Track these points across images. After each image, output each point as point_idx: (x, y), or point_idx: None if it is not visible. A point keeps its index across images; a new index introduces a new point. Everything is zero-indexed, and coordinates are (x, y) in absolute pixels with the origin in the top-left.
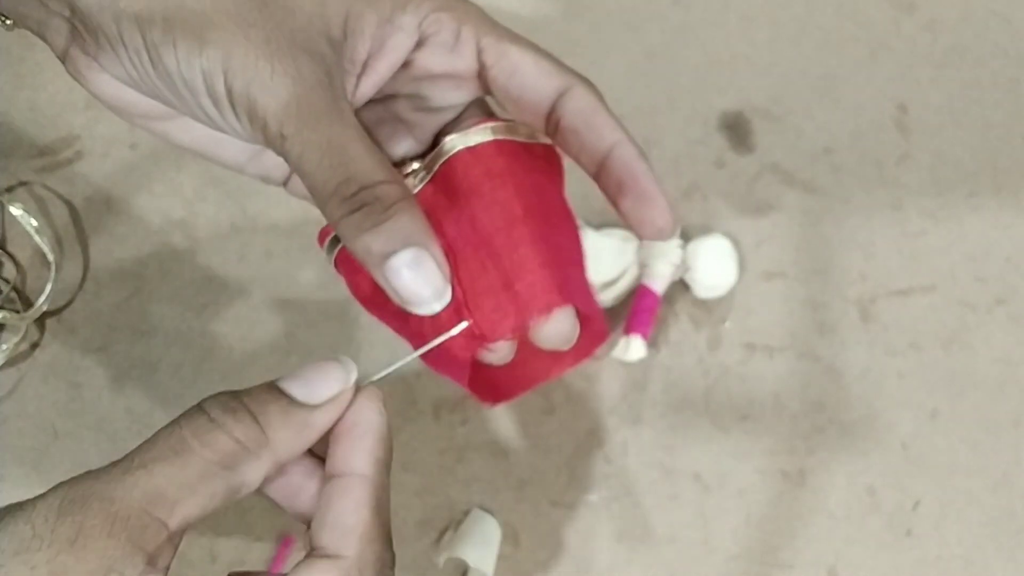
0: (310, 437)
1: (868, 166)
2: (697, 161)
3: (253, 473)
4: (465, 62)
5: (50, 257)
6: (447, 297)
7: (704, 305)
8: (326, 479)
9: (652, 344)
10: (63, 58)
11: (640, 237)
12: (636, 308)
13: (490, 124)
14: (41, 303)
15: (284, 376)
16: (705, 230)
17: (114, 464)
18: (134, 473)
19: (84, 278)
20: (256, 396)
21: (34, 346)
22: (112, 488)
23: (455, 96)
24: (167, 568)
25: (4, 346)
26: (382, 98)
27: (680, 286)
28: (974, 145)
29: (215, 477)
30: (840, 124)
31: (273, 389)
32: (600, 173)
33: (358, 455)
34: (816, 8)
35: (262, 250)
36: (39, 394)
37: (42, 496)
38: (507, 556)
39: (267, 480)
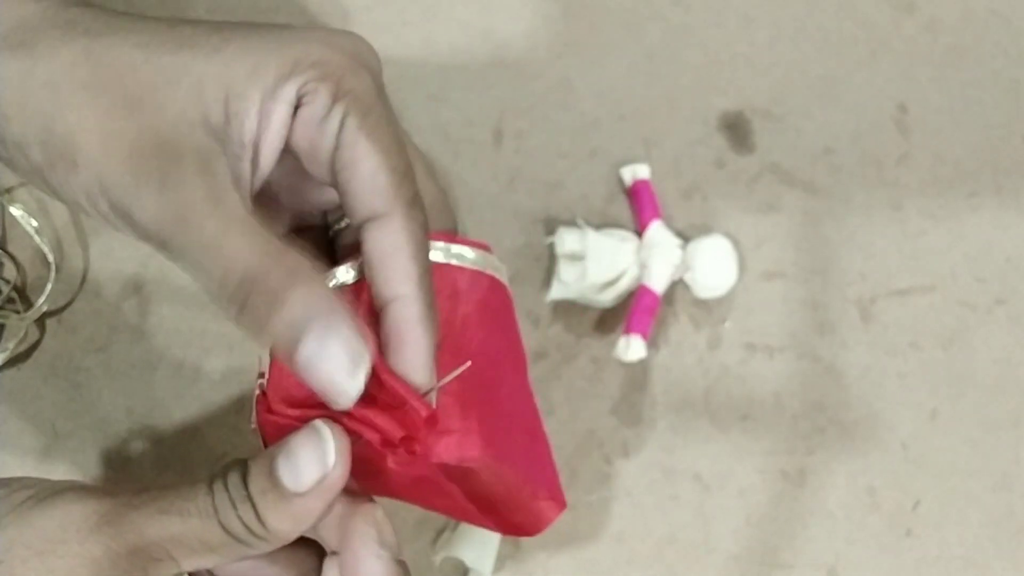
0: (307, 522)
1: (868, 166)
2: (697, 161)
3: (262, 549)
4: (327, 140)
5: (50, 257)
6: (363, 372)
7: (704, 305)
8: None
9: (652, 344)
10: None
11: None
12: (636, 308)
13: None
14: (41, 303)
15: (281, 450)
16: (705, 230)
17: (154, 497)
18: (170, 517)
19: (84, 278)
20: (258, 483)
21: (34, 346)
22: (147, 525)
23: (327, 179)
24: None
25: (5, 346)
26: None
27: (680, 286)
28: (974, 145)
29: (230, 545)
30: (840, 124)
31: (271, 474)
32: (381, 318)
33: None
34: (816, 8)
35: None
36: (39, 394)
37: (83, 495)
38: (507, 556)
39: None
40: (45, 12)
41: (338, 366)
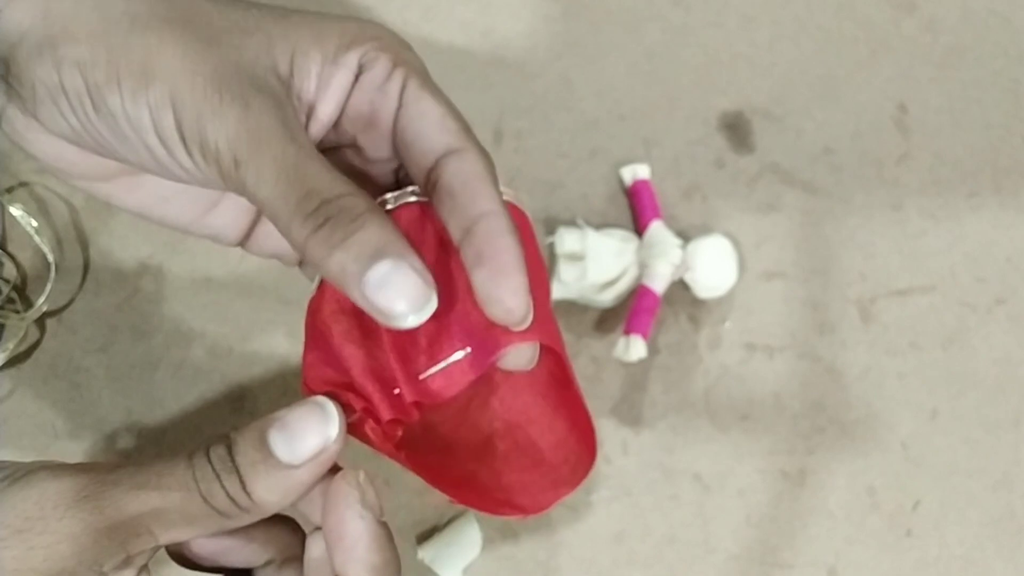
0: (295, 494)
1: (868, 166)
2: (697, 161)
3: (243, 521)
4: (389, 101)
5: (50, 257)
6: (433, 305)
7: (704, 305)
8: None
9: (652, 344)
10: None
11: (488, 315)
12: (636, 308)
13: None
14: (41, 303)
15: (273, 422)
16: (705, 230)
17: (132, 472)
18: (148, 492)
19: (84, 278)
20: (246, 454)
21: (34, 346)
22: (126, 500)
23: (380, 149)
24: (143, 567)
25: (5, 346)
26: (337, 147)
27: (680, 286)
28: (974, 145)
29: (211, 518)
30: (840, 124)
31: (262, 446)
32: (464, 240)
33: (351, 568)
34: (816, 8)
35: None
36: (39, 394)
37: (58, 472)
38: (507, 556)
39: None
40: None
41: (409, 291)
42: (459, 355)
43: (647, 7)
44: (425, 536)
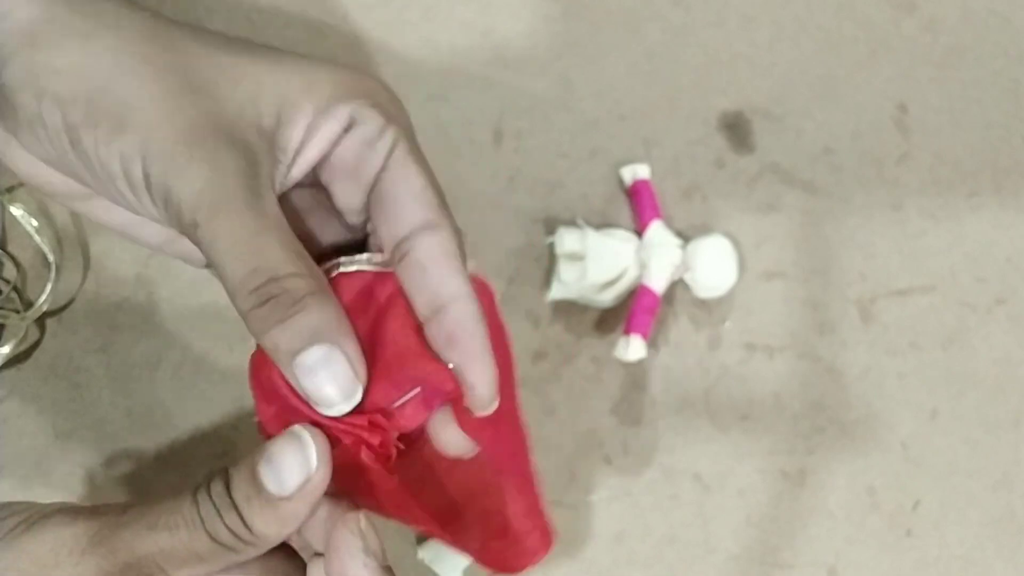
0: (293, 525)
1: (868, 166)
2: (697, 161)
3: (251, 555)
4: (376, 158)
5: (50, 257)
6: (357, 398)
7: (704, 305)
8: None
9: (652, 344)
10: None
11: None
12: (636, 308)
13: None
14: (41, 303)
15: (262, 454)
16: (705, 230)
17: (140, 513)
18: (158, 532)
19: (84, 278)
20: (241, 489)
21: (34, 346)
22: (137, 542)
23: (354, 200)
24: None
25: (4, 346)
26: (311, 184)
27: (680, 286)
28: (974, 145)
29: (218, 553)
30: (840, 124)
31: (255, 480)
32: (433, 320)
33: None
34: (816, 8)
35: None
36: (39, 394)
37: (72, 517)
38: None
39: None
40: None
41: (339, 378)
42: (414, 392)
43: (647, 7)
44: (425, 536)
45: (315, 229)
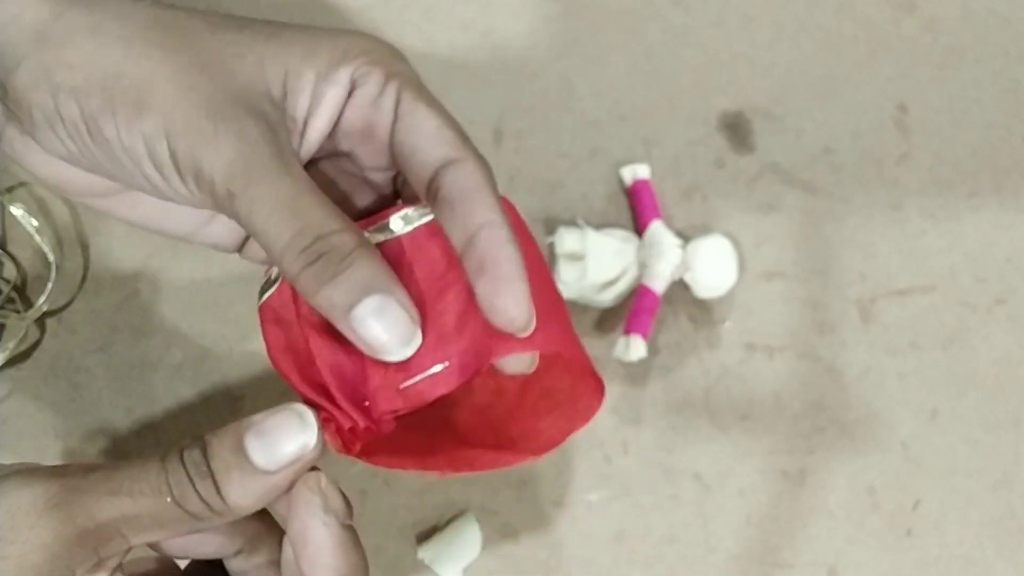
0: (270, 498)
1: (868, 166)
2: (697, 161)
3: (216, 523)
4: (384, 115)
5: (50, 257)
6: (417, 341)
7: (704, 305)
8: None
9: (652, 344)
10: None
11: (492, 323)
12: (636, 308)
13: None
14: (41, 303)
15: (251, 426)
16: (705, 230)
17: (103, 477)
18: (120, 498)
19: (84, 278)
20: (221, 458)
21: (34, 346)
22: (98, 507)
23: (377, 159)
24: (116, 567)
25: (5, 346)
26: (332, 155)
27: (680, 286)
28: (974, 145)
29: (183, 520)
30: (840, 124)
31: (238, 450)
32: (466, 250)
33: (317, 574)
34: (816, 8)
35: None
36: (39, 394)
37: (29, 479)
38: (507, 556)
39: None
40: None
41: (396, 326)
42: (437, 368)
43: (647, 7)
44: (425, 536)
45: (342, 197)
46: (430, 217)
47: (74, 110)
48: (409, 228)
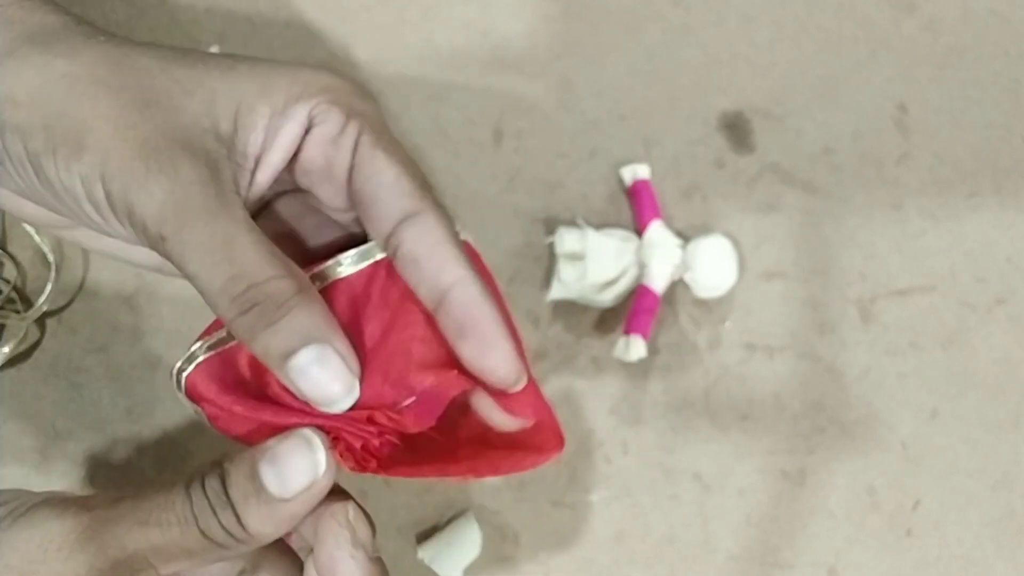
0: (290, 525)
1: (868, 166)
2: (697, 161)
3: (241, 551)
4: (343, 156)
5: (50, 257)
6: (356, 392)
7: (704, 305)
8: None
9: (652, 344)
10: None
11: (485, 384)
12: (636, 308)
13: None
14: (41, 303)
15: (264, 453)
16: (705, 230)
17: (131, 507)
18: (149, 528)
19: (84, 278)
20: (239, 487)
21: (34, 346)
22: (128, 538)
23: (337, 200)
24: None
25: (4, 346)
26: (295, 190)
27: (680, 286)
28: (974, 145)
29: (210, 550)
30: (840, 124)
31: (254, 478)
32: (439, 311)
33: None
34: (816, 8)
35: None
36: (39, 394)
37: (60, 510)
38: (507, 556)
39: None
40: (67, 22)
41: (335, 378)
42: (407, 402)
43: (647, 7)
44: (425, 536)
45: (309, 232)
46: (383, 254)
47: (19, 148)
48: (364, 264)
